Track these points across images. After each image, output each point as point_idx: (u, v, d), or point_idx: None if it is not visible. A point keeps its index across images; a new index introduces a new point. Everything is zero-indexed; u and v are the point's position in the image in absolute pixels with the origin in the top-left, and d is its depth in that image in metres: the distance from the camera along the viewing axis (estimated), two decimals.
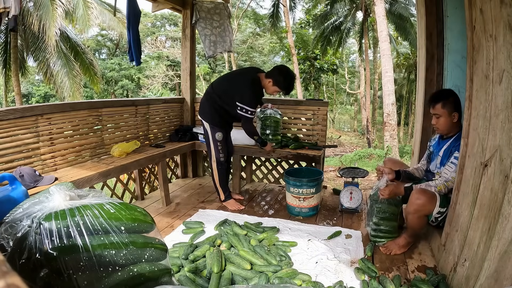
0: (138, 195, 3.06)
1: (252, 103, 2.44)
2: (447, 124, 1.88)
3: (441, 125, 1.90)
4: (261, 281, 1.53)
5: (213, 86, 2.62)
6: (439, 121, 1.89)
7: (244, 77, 2.50)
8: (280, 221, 2.46)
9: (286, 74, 2.44)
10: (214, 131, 2.58)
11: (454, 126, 1.89)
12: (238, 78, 2.55)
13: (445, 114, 1.86)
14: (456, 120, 1.86)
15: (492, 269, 1.19)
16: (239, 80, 2.50)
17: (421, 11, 2.55)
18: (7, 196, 1.34)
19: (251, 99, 2.43)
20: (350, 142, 18.11)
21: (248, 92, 2.43)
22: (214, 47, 3.50)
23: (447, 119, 1.87)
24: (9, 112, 1.94)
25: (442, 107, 1.87)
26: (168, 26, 24.94)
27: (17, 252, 0.92)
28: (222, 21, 3.52)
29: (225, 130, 2.67)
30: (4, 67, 9.46)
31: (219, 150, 2.62)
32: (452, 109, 1.85)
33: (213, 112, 2.56)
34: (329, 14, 15.88)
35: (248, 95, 2.42)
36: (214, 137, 2.59)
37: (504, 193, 1.14)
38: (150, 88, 19.13)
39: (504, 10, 1.14)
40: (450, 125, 1.88)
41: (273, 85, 2.43)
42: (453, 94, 1.90)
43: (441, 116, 1.88)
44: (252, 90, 2.45)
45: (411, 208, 1.82)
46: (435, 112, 1.90)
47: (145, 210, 1.18)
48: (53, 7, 8.04)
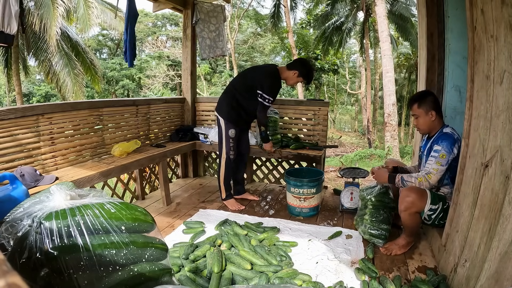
0: (139, 194, 3.06)
1: (272, 92, 2.54)
2: (425, 123, 1.94)
3: (420, 125, 1.96)
4: (261, 281, 1.53)
5: (232, 82, 2.70)
6: (418, 121, 1.96)
7: (265, 69, 2.63)
8: (280, 221, 2.46)
9: (309, 66, 2.61)
10: (228, 127, 2.62)
11: (434, 125, 1.93)
12: (259, 69, 2.67)
13: (421, 113, 1.92)
14: (434, 119, 1.90)
15: (493, 269, 1.18)
16: (260, 71, 2.61)
17: (422, 12, 2.55)
18: (7, 195, 1.34)
19: (271, 88, 2.54)
20: (351, 142, 18.09)
21: (269, 81, 2.53)
22: (209, 50, 3.53)
23: (424, 119, 1.92)
24: (10, 112, 1.94)
25: (418, 107, 1.93)
26: (169, 26, 24.96)
27: (17, 251, 0.92)
28: (218, 25, 3.56)
29: (240, 128, 2.70)
30: (5, 66, 9.48)
31: (230, 147, 2.64)
32: (428, 108, 1.90)
33: (230, 108, 2.60)
34: (330, 14, 15.87)
35: (269, 84, 2.53)
36: (228, 133, 2.62)
37: (505, 194, 1.14)
38: (151, 88, 19.15)
39: (505, 10, 1.14)
40: (429, 124, 1.93)
41: (298, 76, 2.55)
42: (430, 94, 1.96)
43: (419, 116, 1.94)
44: (273, 80, 2.55)
45: (401, 206, 1.85)
46: (413, 112, 1.97)
47: (145, 209, 1.18)
48: (54, 7, 8.04)
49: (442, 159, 1.78)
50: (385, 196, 2.10)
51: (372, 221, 2.06)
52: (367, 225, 2.09)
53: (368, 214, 2.10)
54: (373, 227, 2.05)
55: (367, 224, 2.08)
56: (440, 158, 1.79)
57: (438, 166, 1.79)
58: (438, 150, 1.80)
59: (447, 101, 2.43)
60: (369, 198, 2.10)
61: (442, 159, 1.78)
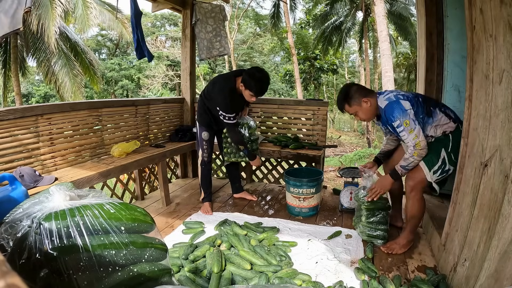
0: (138, 195, 3.06)
1: (227, 109, 2.36)
2: (366, 112, 1.90)
3: (363, 117, 1.93)
4: (261, 281, 1.53)
5: (204, 89, 2.64)
6: (359, 115, 1.93)
7: (222, 83, 2.43)
8: (280, 221, 2.46)
9: (253, 76, 2.25)
10: (202, 130, 2.63)
11: (374, 108, 1.89)
12: (218, 82, 2.47)
13: (357, 108, 1.89)
14: (370, 103, 1.86)
15: (492, 269, 1.19)
16: (218, 85, 2.43)
17: (421, 11, 2.55)
18: (7, 196, 1.34)
19: (225, 105, 2.35)
20: (350, 142, 18.09)
21: (222, 97, 2.35)
22: (206, 51, 3.52)
23: (363, 110, 1.89)
24: (9, 112, 1.94)
25: (350, 106, 1.91)
26: (168, 26, 24.94)
27: (17, 252, 0.92)
28: (216, 25, 3.54)
29: (214, 130, 2.69)
30: (4, 67, 9.46)
31: (204, 149, 2.66)
32: (358, 100, 1.87)
33: (202, 111, 2.60)
34: (329, 14, 15.89)
35: (222, 100, 2.36)
36: (201, 135, 2.63)
37: (504, 193, 1.14)
38: (150, 88, 19.13)
39: (504, 9, 1.14)
40: (370, 111, 1.90)
41: (245, 88, 2.31)
42: (349, 86, 1.93)
43: (357, 112, 1.91)
44: (226, 96, 2.35)
45: (408, 189, 1.85)
46: (350, 113, 1.94)
47: (145, 210, 1.18)
48: (53, 7, 8.03)
49: (409, 125, 1.73)
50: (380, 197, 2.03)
51: (368, 223, 2.06)
52: (364, 227, 2.09)
53: (364, 216, 2.09)
54: (371, 228, 2.06)
55: (364, 226, 2.09)
56: (407, 127, 1.73)
57: (413, 132, 1.73)
58: (399, 124, 1.75)
59: (446, 101, 2.43)
60: (362, 201, 2.07)
61: (409, 125, 1.73)
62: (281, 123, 3.45)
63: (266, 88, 2.30)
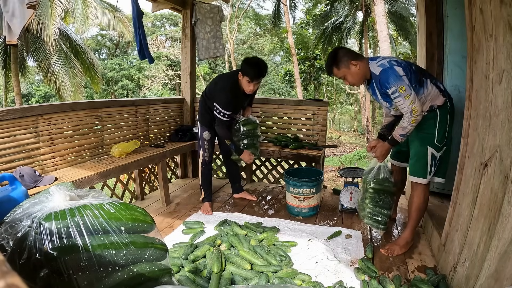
0: (138, 195, 3.06)
1: (227, 106, 2.37)
2: (355, 75, 1.85)
3: (352, 80, 1.88)
4: (261, 281, 1.53)
5: (205, 88, 2.65)
6: (348, 79, 1.88)
7: (225, 80, 2.48)
8: (280, 221, 2.46)
9: (249, 60, 2.35)
10: (203, 130, 2.63)
11: (363, 70, 1.85)
12: (221, 80, 2.54)
13: (346, 71, 1.85)
14: (359, 67, 1.82)
15: (492, 269, 1.19)
16: (220, 83, 2.47)
17: (421, 11, 2.55)
18: (7, 196, 1.34)
19: (226, 102, 2.37)
20: (350, 142, 18.09)
21: (224, 94, 2.38)
22: (204, 51, 3.52)
23: (351, 73, 1.85)
24: (9, 112, 1.94)
25: (338, 69, 1.86)
26: (168, 26, 24.94)
27: (17, 252, 0.92)
28: (213, 26, 3.54)
29: (215, 131, 2.66)
30: (4, 67, 9.45)
31: (205, 149, 2.66)
32: (347, 62, 1.82)
33: (204, 112, 2.60)
34: (329, 14, 15.90)
35: (223, 97, 2.38)
36: (202, 135, 2.64)
37: (504, 193, 1.14)
38: (150, 88, 19.13)
39: (504, 9, 1.14)
40: (358, 74, 1.85)
41: (243, 76, 2.34)
42: (337, 50, 1.89)
43: (345, 75, 1.87)
44: (228, 92, 2.38)
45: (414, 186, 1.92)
46: (339, 76, 1.89)
47: (145, 210, 1.18)
48: (52, 7, 8.02)
49: (405, 91, 1.68)
50: (386, 181, 2.02)
51: (373, 205, 2.02)
52: (367, 209, 2.05)
53: (368, 199, 2.05)
54: (374, 211, 2.02)
55: (367, 209, 2.05)
56: (403, 93, 1.68)
57: (410, 98, 1.68)
58: (394, 90, 1.70)
59: None
60: (369, 182, 2.04)
61: (405, 91, 1.68)
62: (281, 123, 3.45)
63: (262, 71, 2.33)
